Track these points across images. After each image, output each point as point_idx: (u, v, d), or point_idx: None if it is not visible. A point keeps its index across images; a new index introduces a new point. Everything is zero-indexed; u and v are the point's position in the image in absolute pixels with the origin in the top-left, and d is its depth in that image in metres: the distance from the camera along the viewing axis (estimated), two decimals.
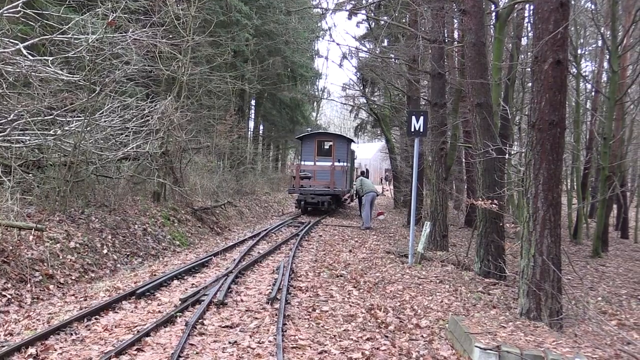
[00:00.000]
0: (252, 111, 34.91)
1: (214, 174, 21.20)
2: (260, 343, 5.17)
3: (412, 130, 10.82)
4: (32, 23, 10.63)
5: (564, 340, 5.55)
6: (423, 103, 19.64)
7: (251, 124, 34.63)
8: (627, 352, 5.52)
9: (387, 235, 16.00)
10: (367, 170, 18.33)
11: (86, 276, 9.28)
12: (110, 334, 5.31)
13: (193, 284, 7.69)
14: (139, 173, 14.63)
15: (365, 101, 31.03)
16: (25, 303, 7.44)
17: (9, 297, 7.43)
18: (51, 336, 5.09)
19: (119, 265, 10.41)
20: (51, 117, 10.75)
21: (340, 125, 70.27)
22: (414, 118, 10.82)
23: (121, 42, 10.69)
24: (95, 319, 5.78)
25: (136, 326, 5.58)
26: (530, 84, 21.93)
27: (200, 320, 5.71)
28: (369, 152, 64.00)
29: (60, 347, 4.85)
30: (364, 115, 37.29)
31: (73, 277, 8.96)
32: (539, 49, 6.89)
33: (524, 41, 19.80)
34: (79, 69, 11.31)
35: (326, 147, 22.26)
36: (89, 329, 5.43)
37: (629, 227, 22.81)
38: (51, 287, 8.31)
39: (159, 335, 5.26)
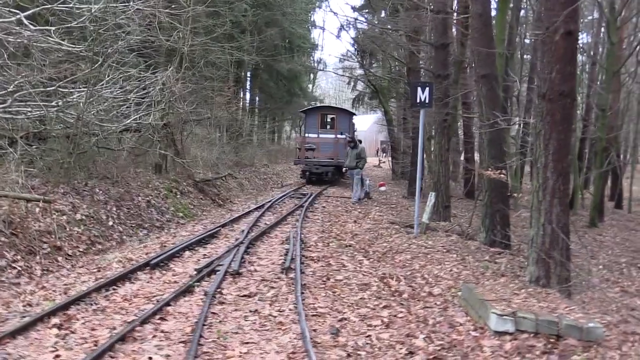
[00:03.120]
0: (249, 83, 34.66)
1: (213, 146, 21.14)
2: (280, 311, 5.25)
3: (418, 101, 10.78)
4: None
5: (577, 306, 5.65)
6: (423, 74, 19.53)
7: (248, 96, 34.42)
8: (635, 317, 5.65)
9: (388, 206, 16.08)
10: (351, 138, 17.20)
11: (93, 248, 9.30)
12: (130, 303, 5.37)
13: (205, 254, 7.75)
14: (140, 145, 14.57)
15: (364, 73, 30.83)
16: (36, 275, 7.46)
17: (19, 269, 7.45)
18: (72, 306, 5.13)
19: (125, 237, 10.43)
20: (53, 88, 10.64)
21: (336, 97, 70.02)
22: (419, 89, 10.77)
23: (124, 13, 10.53)
24: (113, 289, 5.83)
25: (154, 296, 5.64)
26: (528, 56, 21.83)
27: (218, 290, 5.78)
28: (365, 124, 63.75)
29: (83, 317, 4.90)
30: (360, 87, 37.11)
31: (81, 249, 8.99)
32: (549, 20, 6.85)
33: (522, 12, 19.71)
34: (81, 40, 11.17)
35: (329, 120, 22.72)
36: (108, 299, 5.48)
37: (623, 197, 23.01)
38: (59, 258, 8.33)
39: (179, 305, 5.33)
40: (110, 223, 10.47)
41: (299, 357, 4.15)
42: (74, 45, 10.41)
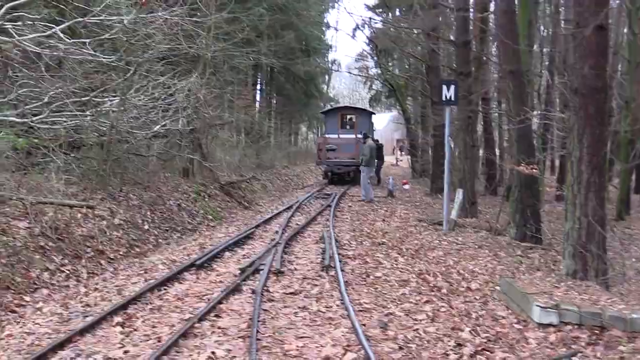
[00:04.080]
0: (266, 86, 34.90)
1: (235, 149, 21.41)
2: (328, 307, 5.42)
3: (444, 99, 10.90)
4: (63, 6, 10.73)
5: (617, 298, 5.75)
6: (443, 72, 19.62)
7: (265, 99, 34.67)
8: None
9: (413, 204, 16.20)
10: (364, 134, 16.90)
11: (132, 251, 9.56)
12: (182, 302, 5.57)
13: (244, 254, 7.95)
14: (167, 150, 14.84)
15: (380, 72, 30.93)
16: (82, 278, 7.73)
17: (67, 272, 7.72)
18: (130, 306, 5.35)
19: (160, 240, 10.69)
20: (87, 98, 10.93)
21: (350, 97, 70.00)
22: (444, 87, 10.89)
23: (154, 22, 10.80)
24: (164, 289, 6.05)
25: (204, 295, 5.84)
26: (546, 49, 21.72)
27: (265, 288, 5.96)
28: (381, 123, 63.86)
29: (142, 316, 5.11)
30: (377, 86, 37.24)
31: (121, 252, 9.25)
32: (580, 15, 6.96)
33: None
34: (112, 51, 11.44)
35: (349, 120, 22.89)
36: (162, 299, 5.69)
37: None
38: (102, 262, 8.60)
39: (231, 303, 5.52)
40: (146, 227, 10.73)
41: (355, 350, 4.31)
42: (107, 57, 10.69)
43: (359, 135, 21.60)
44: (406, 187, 20.59)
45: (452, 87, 10.87)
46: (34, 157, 10.14)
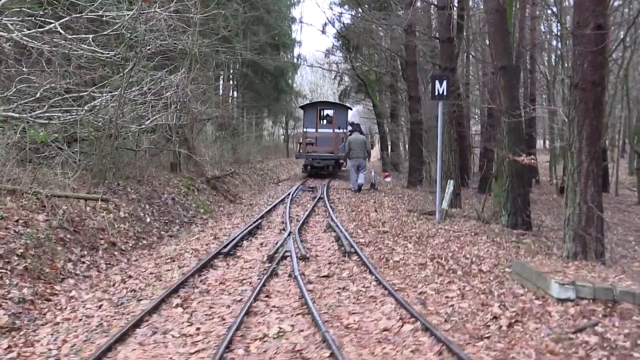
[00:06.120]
0: (237, 81, 34.95)
1: (214, 144, 21.53)
2: (366, 287, 5.80)
3: (436, 94, 11.37)
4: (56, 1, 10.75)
5: (624, 275, 6.30)
6: (421, 68, 20.21)
7: (236, 94, 34.73)
8: None
9: (396, 195, 16.69)
10: (356, 123, 17.94)
11: (140, 243, 9.73)
12: (226, 286, 5.86)
13: (260, 243, 8.26)
14: (155, 145, 14.93)
15: (351, 66, 31.39)
16: (102, 269, 7.90)
17: (88, 263, 7.88)
18: (180, 289, 5.60)
19: (162, 232, 10.86)
20: (87, 93, 10.99)
21: (314, 91, 70.26)
22: (437, 82, 11.36)
23: (154, 19, 10.94)
24: (203, 275, 6.30)
25: (243, 279, 6.14)
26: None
27: (300, 272, 6.28)
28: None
29: (195, 298, 5.39)
30: (345, 82, 37.74)
31: (130, 244, 9.41)
32: (580, 15, 7.50)
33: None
34: (106, 46, 11.50)
35: (327, 115, 23.23)
36: (204, 283, 5.97)
37: (608, 182, 23.99)
38: (116, 253, 8.77)
39: (272, 285, 5.83)
40: (148, 220, 10.88)
41: (410, 322, 4.70)
42: (107, 52, 10.76)
43: (337, 130, 22.12)
44: (387, 179, 21.11)
45: (444, 82, 11.36)
46: (41, 152, 10.17)
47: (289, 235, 8.46)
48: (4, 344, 4.69)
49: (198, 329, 4.52)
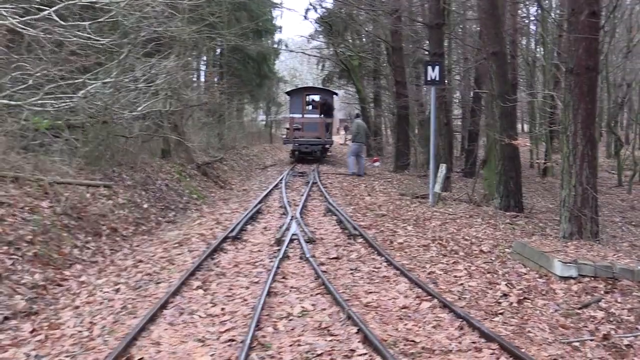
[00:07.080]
0: (221, 67, 34.78)
1: (202, 130, 21.50)
2: (377, 268, 5.97)
3: (429, 79, 11.52)
4: None
5: (622, 253, 6.57)
6: (409, 53, 20.35)
7: (222, 80, 34.59)
8: None
9: (385, 180, 16.88)
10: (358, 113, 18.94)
11: (139, 229, 9.78)
12: (240, 268, 5.99)
13: (264, 227, 8.37)
14: (145, 131, 14.89)
15: (334, 52, 31.38)
16: (107, 254, 7.95)
17: (93, 249, 7.93)
18: (196, 272, 5.71)
19: (159, 218, 10.90)
20: (81, 80, 10.92)
21: (294, 77, 70.05)
22: (430, 68, 11.52)
23: (148, 5, 10.88)
24: (215, 258, 6.41)
25: (255, 262, 6.27)
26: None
27: (311, 254, 6.42)
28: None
29: (212, 280, 5.50)
30: (328, 67, 37.71)
31: (130, 230, 9.46)
32: (575, 2, 7.71)
33: None
34: (98, 33, 11.43)
35: (313, 100, 23.25)
36: (218, 266, 6.08)
37: None
38: (117, 239, 8.82)
39: (286, 267, 5.97)
40: (145, 206, 10.91)
41: (427, 299, 4.89)
42: (102, 39, 10.69)
43: (323, 116, 22.28)
44: (376, 164, 21.31)
45: (437, 68, 11.52)
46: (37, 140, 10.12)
47: (291, 219, 8.59)
48: (28, 327, 4.77)
49: (223, 309, 4.65)
